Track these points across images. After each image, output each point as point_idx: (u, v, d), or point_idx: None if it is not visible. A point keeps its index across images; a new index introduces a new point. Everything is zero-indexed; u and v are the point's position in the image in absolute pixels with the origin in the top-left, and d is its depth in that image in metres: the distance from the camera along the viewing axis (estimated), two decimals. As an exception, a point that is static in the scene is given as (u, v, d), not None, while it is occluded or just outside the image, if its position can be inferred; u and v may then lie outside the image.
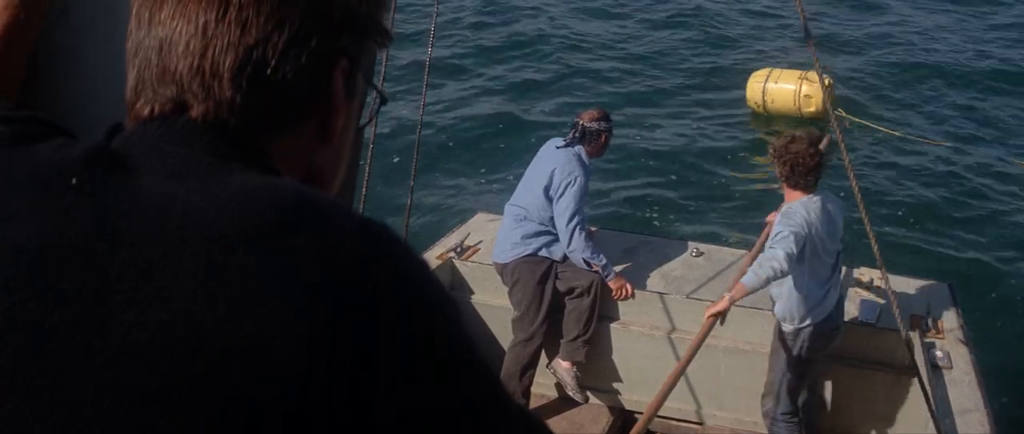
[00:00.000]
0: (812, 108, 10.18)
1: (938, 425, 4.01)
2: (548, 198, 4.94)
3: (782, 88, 10.46)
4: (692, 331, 4.98)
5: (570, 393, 5.25)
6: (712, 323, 4.45)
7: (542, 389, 5.32)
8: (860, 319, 4.85)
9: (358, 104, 0.96)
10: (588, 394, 5.33)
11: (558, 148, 5.02)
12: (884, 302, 4.93)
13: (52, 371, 0.69)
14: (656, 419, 5.22)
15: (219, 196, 0.75)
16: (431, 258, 5.32)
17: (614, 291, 5.05)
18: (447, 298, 0.80)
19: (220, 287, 0.71)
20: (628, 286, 5.08)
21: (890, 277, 5.08)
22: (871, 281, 5.15)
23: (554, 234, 4.99)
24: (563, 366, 5.16)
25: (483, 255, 5.41)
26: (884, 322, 4.81)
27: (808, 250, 4.32)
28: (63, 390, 0.69)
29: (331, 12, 0.86)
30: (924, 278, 5.42)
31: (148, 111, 0.84)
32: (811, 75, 10.21)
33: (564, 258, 5.03)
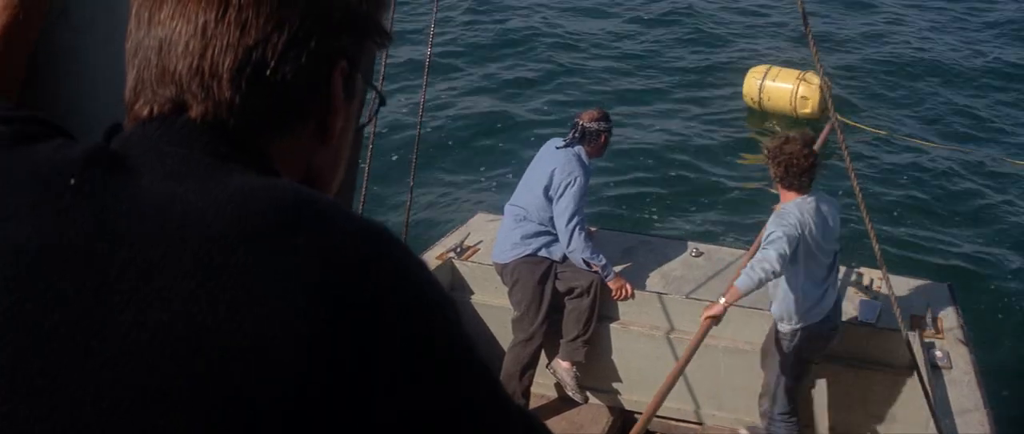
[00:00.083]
0: (808, 109, 10.13)
1: (938, 425, 4.01)
2: (548, 198, 4.94)
3: (779, 87, 10.38)
4: (692, 331, 4.97)
5: (570, 393, 5.25)
6: (709, 325, 4.46)
7: (542, 389, 5.32)
8: (860, 319, 4.85)
9: (357, 105, 0.96)
10: (588, 394, 5.33)
11: (558, 148, 5.01)
12: (882, 302, 4.94)
13: (52, 371, 0.69)
14: (655, 419, 5.22)
15: (218, 196, 0.76)
16: (431, 258, 5.32)
17: (614, 291, 5.05)
18: (446, 298, 0.80)
19: (220, 287, 0.71)
20: (628, 286, 5.08)
21: (891, 277, 5.10)
22: (871, 281, 5.14)
23: (554, 234, 4.99)
24: (563, 366, 5.16)
25: (483, 255, 5.40)
26: (884, 322, 4.81)
27: (802, 251, 4.32)
28: (63, 390, 0.69)
29: (331, 13, 0.86)
30: (924, 278, 5.42)
31: (147, 111, 0.84)
32: (809, 76, 10.19)
33: (564, 258, 5.03)
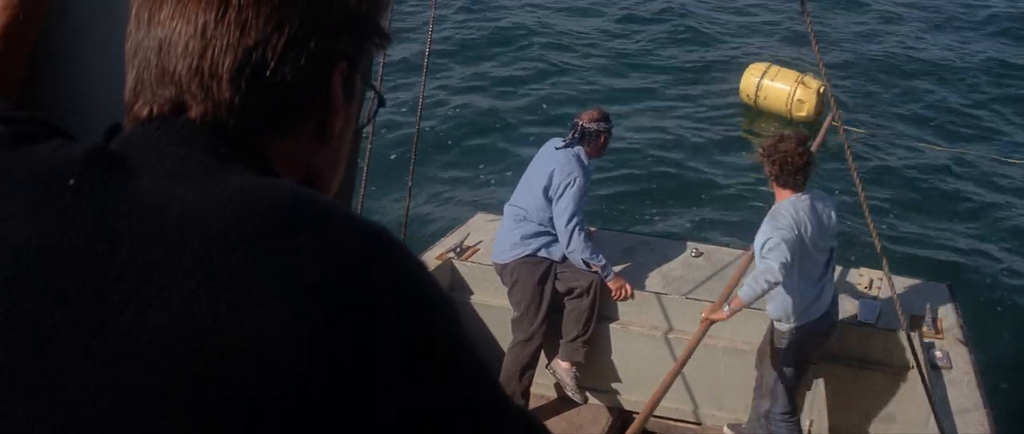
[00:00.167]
0: (803, 113, 10.09)
1: (938, 425, 4.01)
2: (547, 199, 4.94)
3: (777, 87, 10.36)
4: (691, 331, 4.97)
5: (569, 393, 5.25)
6: (707, 326, 4.47)
7: (541, 389, 5.32)
8: (860, 319, 4.85)
9: (356, 106, 0.96)
10: (587, 394, 5.33)
11: (557, 149, 5.01)
12: (882, 302, 4.94)
13: (52, 371, 0.69)
14: (654, 419, 5.23)
15: (218, 196, 0.76)
16: (430, 258, 5.32)
17: (613, 291, 5.05)
18: (446, 299, 0.80)
19: (220, 287, 0.71)
20: (627, 286, 5.08)
21: (891, 277, 5.10)
22: (871, 281, 5.14)
23: (553, 235, 4.98)
24: (562, 366, 5.16)
25: (482, 255, 5.40)
26: (884, 322, 4.81)
27: (798, 250, 4.32)
28: (63, 390, 0.69)
29: (330, 14, 0.86)
30: (924, 278, 5.42)
31: (147, 112, 0.84)
32: (808, 80, 10.18)
33: (563, 258, 5.03)
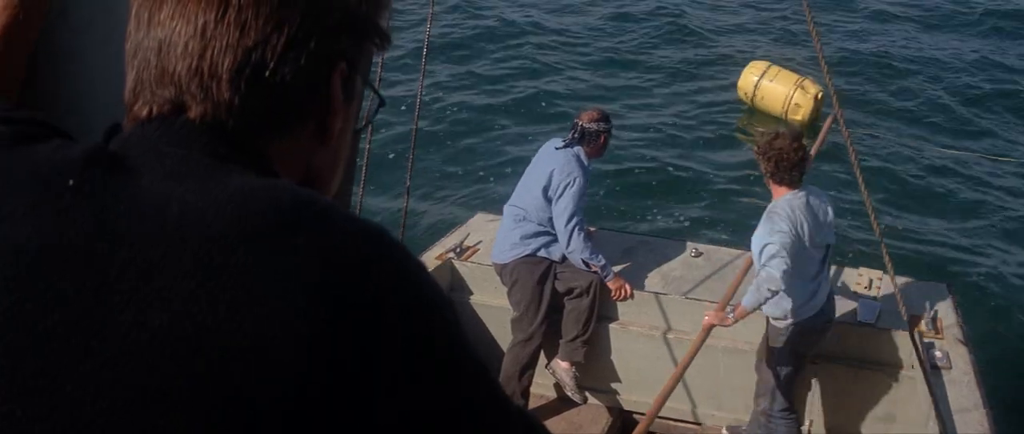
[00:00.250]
0: (799, 116, 10.03)
1: (938, 425, 4.01)
2: (547, 199, 4.94)
3: (776, 88, 10.33)
4: (691, 331, 4.98)
5: (569, 393, 5.25)
6: (709, 331, 4.47)
7: (541, 389, 5.32)
8: (860, 319, 4.85)
9: (356, 106, 0.96)
10: (587, 394, 5.33)
11: (557, 149, 5.01)
12: (882, 302, 4.94)
13: (52, 371, 0.69)
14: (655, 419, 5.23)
15: (218, 196, 0.76)
16: (430, 258, 5.32)
17: (613, 291, 5.05)
18: (446, 299, 0.81)
19: (220, 287, 0.71)
20: (627, 286, 5.08)
21: (890, 278, 5.10)
22: (871, 281, 5.14)
23: (553, 235, 4.98)
24: (562, 366, 5.16)
25: (482, 255, 5.40)
26: (884, 322, 4.81)
27: (796, 250, 4.33)
28: (63, 390, 0.69)
29: (330, 14, 0.85)
30: (923, 278, 5.42)
31: (146, 112, 0.84)
32: (807, 84, 10.17)
33: (563, 258, 5.03)
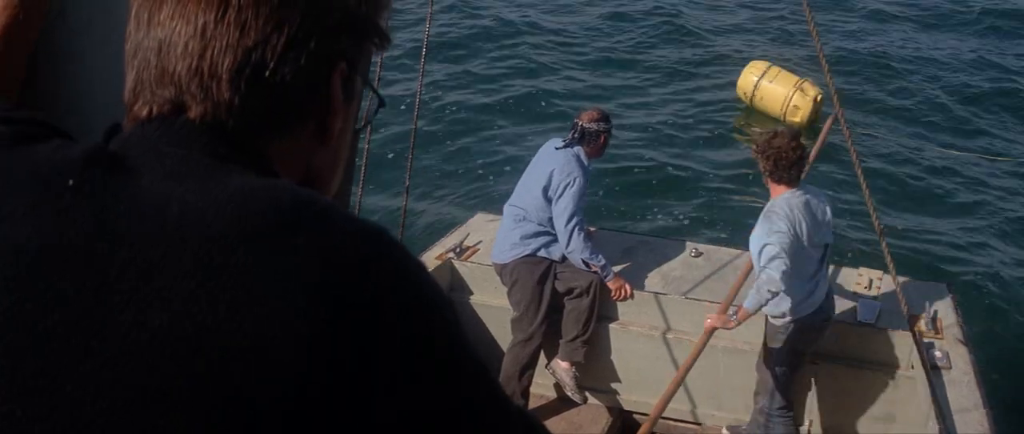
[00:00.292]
0: (797, 118, 9.98)
1: (938, 425, 4.01)
2: (547, 199, 4.94)
3: (775, 89, 10.31)
4: (691, 331, 4.98)
5: (569, 393, 5.25)
6: (711, 333, 4.47)
7: (541, 389, 5.32)
8: (860, 319, 4.85)
9: (356, 106, 0.96)
10: (587, 394, 5.33)
11: (557, 149, 5.01)
12: (882, 302, 4.94)
13: (52, 371, 0.69)
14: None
15: (218, 196, 0.76)
16: (430, 258, 5.32)
17: (613, 291, 5.05)
18: (445, 299, 0.81)
19: (220, 287, 0.71)
20: (627, 286, 5.08)
21: (890, 277, 5.10)
22: (871, 281, 5.14)
23: (553, 235, 4.98)
24: (562, 366, 5.16)
25: (482, 255, 5.40)
26: (884, 322, 4.81)
27: (794, 249, 4.33)
28: (63, 390, 0.69)
29: (330, 14, 0.85)
30: (923, 278, 5.42)
31: (146, 112, 0.84)
32: (806, 87, 10.16)
33: (563, 258, 5.03)
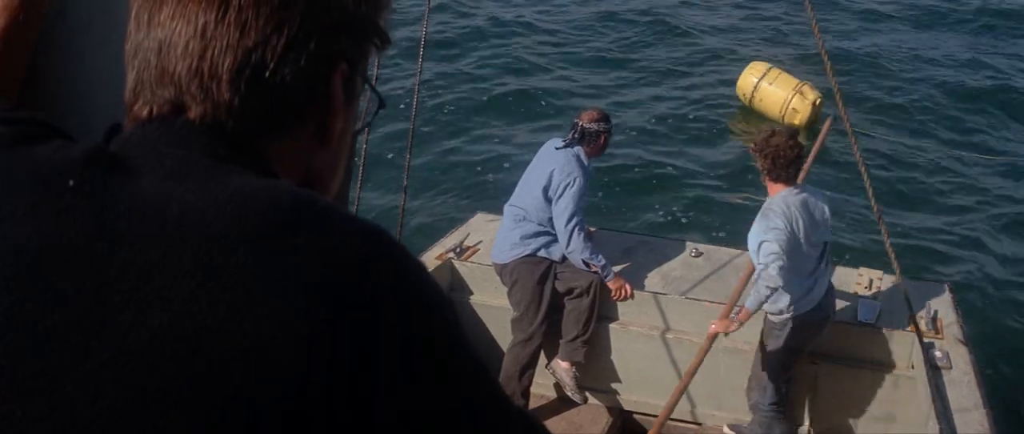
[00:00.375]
0: (796, 121, 9.98)
1: (938, 425, 4.01)
2: (547, 199, 4.94)
3: (774, 91, 10.31)
4: (691, 331, 4.99)
5: (569, 393, 5.25)
6: (715, 337, 4.47)
7: (541, 389, 5.32)
8: (860, 319, 4.85)
9: (356, 107, 0.96)
10: (587, 394, 5.33)
11: (557, 149, 5.01)
12: (882, 302, 4.94)
13: (52, 371, 0.69)
14: (653, 419, 5.23)
15: (218, 197, 0.76)
16: (430, 258, 5.32)
17: (613, 291, 5.05)
18: (445, 299, 0.81)
19: (220, 287, 0.71)
20: (627, 286, 5.08)
21: (890, 277, 5.10)
22: (871, 281, 5.15)
23: (553, 235, 4.98)
24: (562, 366, 5.16)
25: (482, 255, 5.40)
26: (884, 322, 4.81)
27: (791, 247, 4.34)
28: (63, 390, 0.69)
29: (330, 14, 0.85)
30: (923, 278, 5.42)
31: (146, 112, 0.84)
32: (806, 90, 10.17)
33: (563, 258, 5.03)
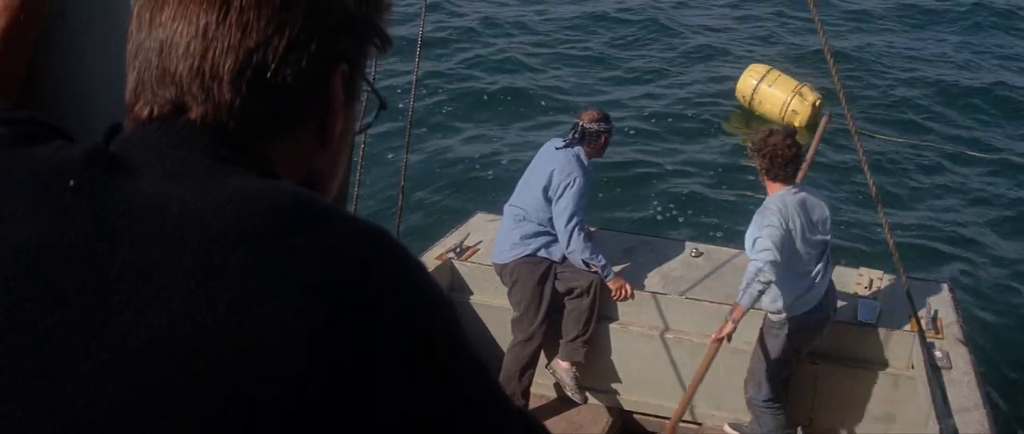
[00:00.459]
0: (795, 123, 9.97)
1: (938, 425, 4.02)
2: (547, 199, 4.94)
3: (774, 93, 10.31)
4: (691, 331, 4.99)
5: (569, 393, 5.24)
6: (718, 347, 4.47)
7: (541, 389, 5.31)
8: (860, 319, 4.85)
9: (357, 108, 0.96)
10: (587, 394, 5.33)
11: (557, 149, 5.01)
12: (882, 302, 4.94)
13: (51, 371, 0.69)
14: (654, 419, 5.23)
15: (218, 197, 0.76)
16: (430, 258, 5.32)
17: (613, 291, 5.05)
18: (446, 299, 0.81)
19: (219, 287, 0.71)
20: (627, 286, 5.08)
21: (890, 277, 5.10)
22: (871, 281, 5.15)
23: (553, 235, 4.98)
24: (562, 366, 5.15)
25: (482, 255, 5.40)
26: (884, 322, 4.81)
27: (787, 246, 4.34)
28: (63, 390, 0.69)
29: (331, 15, 0.85)
30: (924, 278, 5.41)
31: (147, 112, 0.84)
32: (805, 91, 10.16)
33: (563, 259, 5.03)
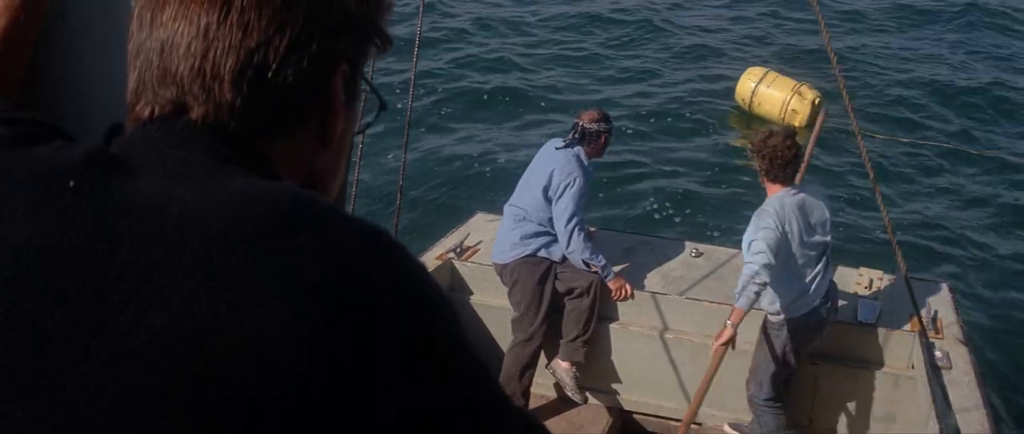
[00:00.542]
0: (795, 123, 9.98)
1: (938, 425, 4.02)
2: (547, 199, 4.94)
3: (773, 94, 10.32)
4: (691, 331, 4.99)
5: (569, 394, 5.24)
6: (723, 352, 4.47)
7: (541, 389, 5.32)
8: (860, 319, 4.85)
9: (357, 108, 0.96)
10: (587, 395, 5.33)
11: (557, 149, 5.01)
12: (882, 302, 4.94)
13: (51, 371, 0.69)
14: (654, 419, 5.23)
15: (218, 197, 0.76)
16: (430, 258, 5.32)
17: (613, 292, 5.05)
18: (445, 299, 0.81)
19: (220, 287, 0.71)
20: (627, 286, 5.08)
21: (891, 277, 5.10)
22: (871, 281, 5.15)
23: (553, 235, 4.98)
24: (562, 366, 5.15)
25: (482, 256, 5.40)
26: (884, 322, 4.81)
27: (783, 247, 4.34)
28: (62, 390, 0.69)
29: (332, 15, 0.85)
30: (924, 278, 5.41)
31: (148, 112, 0.84)
32: (804, 91, 10.17)
33: (563, 259, 5.03)
